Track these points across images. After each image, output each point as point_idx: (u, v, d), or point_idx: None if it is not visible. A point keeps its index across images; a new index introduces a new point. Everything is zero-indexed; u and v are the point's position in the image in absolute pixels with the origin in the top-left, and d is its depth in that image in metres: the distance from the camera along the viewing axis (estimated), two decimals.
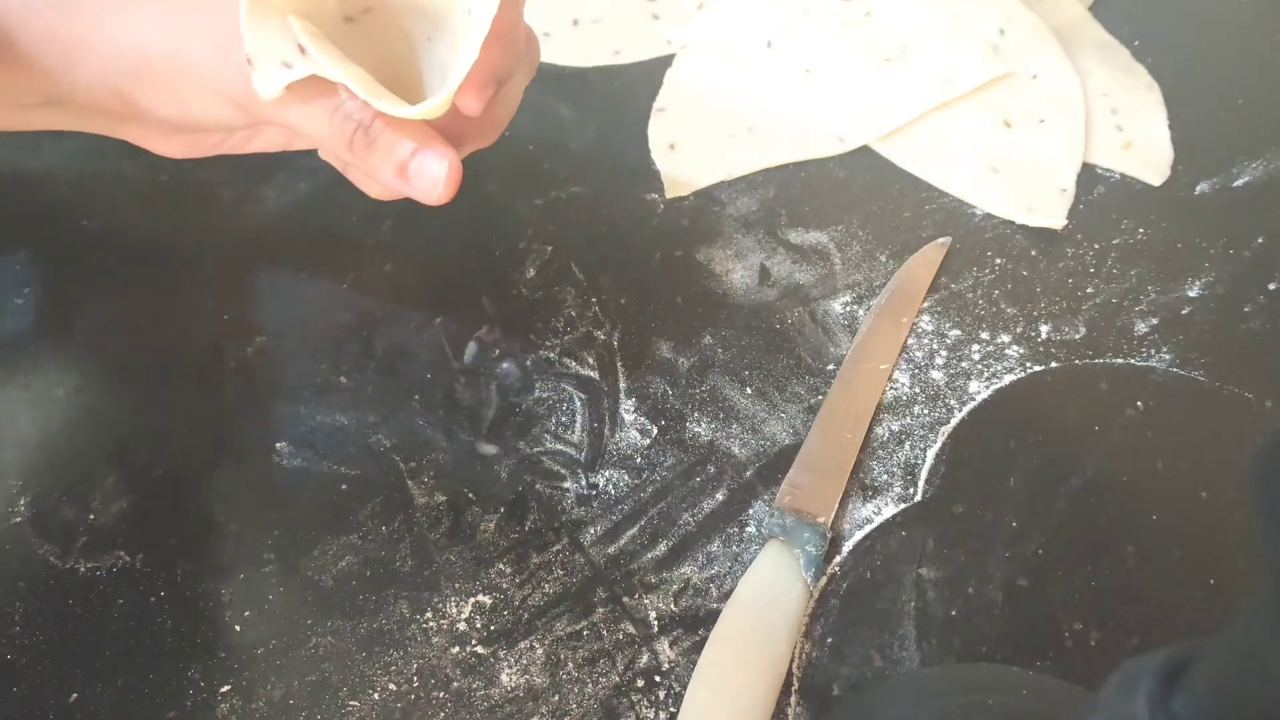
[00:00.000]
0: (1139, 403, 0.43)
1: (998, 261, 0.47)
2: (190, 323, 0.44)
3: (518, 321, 0.45)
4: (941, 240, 0.48)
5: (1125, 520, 0.41)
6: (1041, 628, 0.38)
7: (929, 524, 0.40)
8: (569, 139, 0.51)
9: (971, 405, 0.43)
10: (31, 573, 0.39)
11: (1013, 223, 0.48)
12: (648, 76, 0.53)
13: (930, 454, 0.42)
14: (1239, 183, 0.49)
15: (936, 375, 0.44)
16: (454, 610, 0.38)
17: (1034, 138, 0.51)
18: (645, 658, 0.38)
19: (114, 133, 0.40)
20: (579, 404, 0.43)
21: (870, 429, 0.42)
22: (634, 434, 0.42)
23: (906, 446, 0.42)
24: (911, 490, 0.41)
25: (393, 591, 0.39)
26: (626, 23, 0.55)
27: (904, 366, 0.44)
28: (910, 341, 0.45)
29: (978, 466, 0.42)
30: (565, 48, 0.54)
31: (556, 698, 0.37)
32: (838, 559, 0.40)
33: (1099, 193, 0.49)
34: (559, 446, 0.42)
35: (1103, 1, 0.55)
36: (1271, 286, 0.46)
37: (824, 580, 0.39)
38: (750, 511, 0.41)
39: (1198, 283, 0.46)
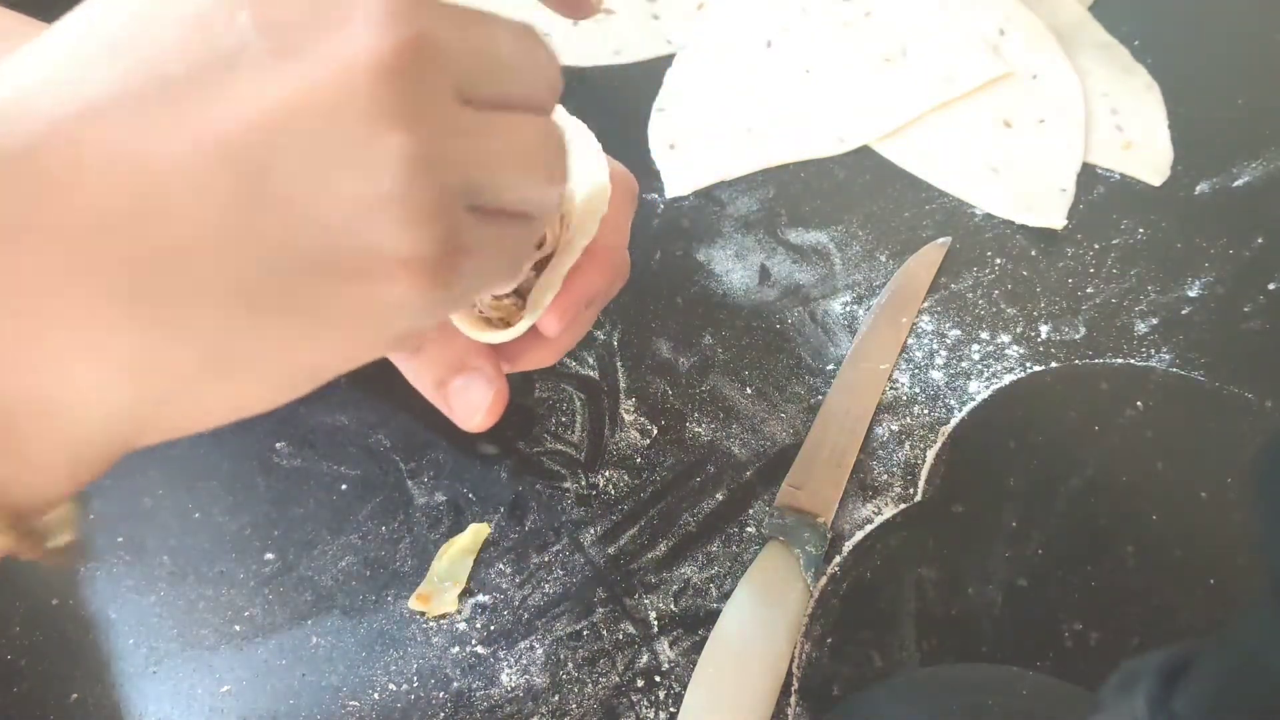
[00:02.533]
0: (1139, 403, 0.43)
1: (998, 261, 0.47)
2: None
3: None
4: (941, 240, 0.48)
5: (1125, 520, 0.40)
6: (1041, 628, 0.38)
7: (929, 524, 0.40)
8: None
9: (971, 405, 0.43)
10: (31, 573, 0.39)
11: (1013, 223, 0.48)
12: (648, 76, 0.53)
13: (930, 454, 0.42)
14: (1239, 183, 0.49)
15: (936, 375, 0.44)
16: (454, 610, 0.38)
17: (1034, 138, 0.51)
18: (645, 658, 0.38)
19: None
20: (579, 404, 0.43)
21: (870, 429, 0.42)
22: (634, 434, 0.42)
23: (906, 446, 0.42)
24: (911, 490, 0.41)
25: (393, 591, 0.39)
26: (626, 23, 0.55)
27: (904, 366, 0.44)
28: (910, 341, 0.45)
29: (978, 466, 0.42)
30: (565, 48, 0.54)
31: (556, 698, 0.37)
32: (838, 559, 0.40)
33: (1099, 193, 0.49)
34: (559, 446, 0.42)
35: (1103, 1, 0.55)
36: (1271, 286, 0.46)
37: (824, 580, 0.39)
38: (750, 511, 0.41)
39: (1198, 283, 0.46)
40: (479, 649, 0.38)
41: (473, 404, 0.29)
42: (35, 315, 0.18)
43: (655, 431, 0.43)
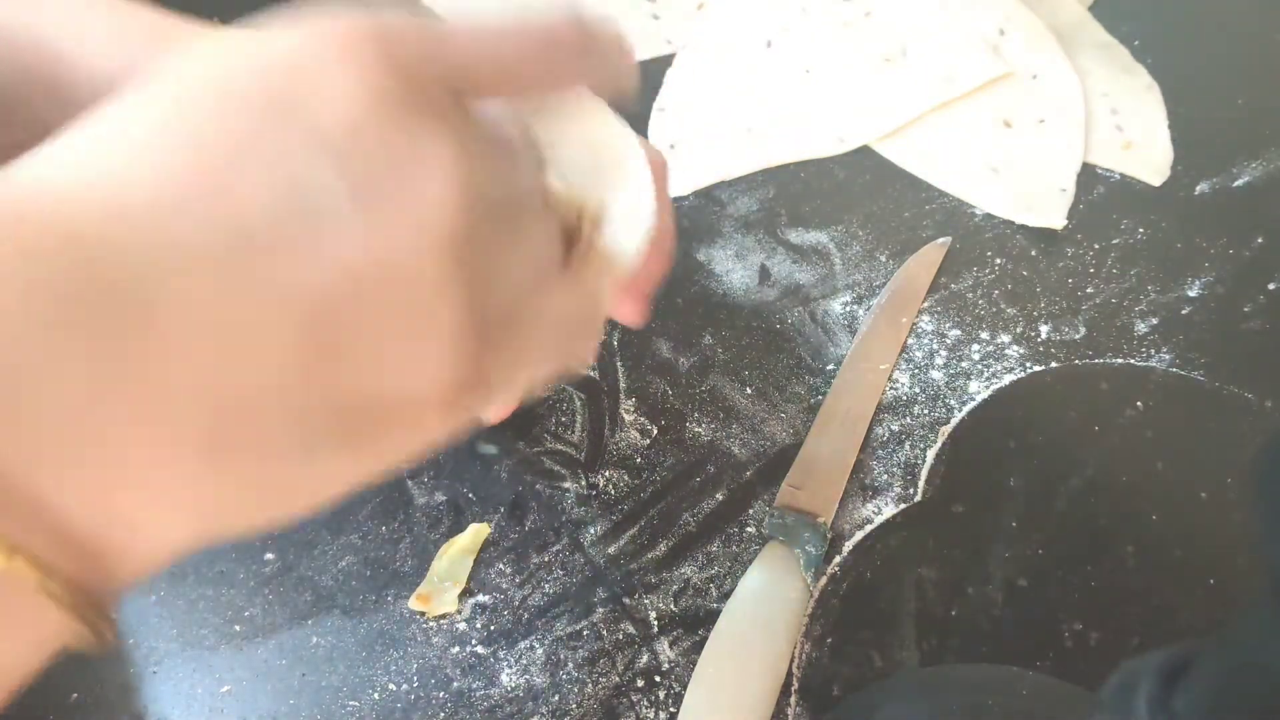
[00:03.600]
0: (1139, 403, 0.43)
1: (998, 261, 0.47)
2: None
3: None
4: (941, 240, 0.48)
5: (1125, 520, 0.40)
6: (1041, 628, 0.38)
7: (929, 524, 0.40)
8: None
9: (971, 405, 0.43)
10: None
11: (1013, 223, 0.48)
12: (648, 76, 0.53)
13: (930, 454, 0.42)
14: (1239, 183, 0.49)
15: (936, 375, 0.44)
16: (454, 610, 0.38)
17: (1034, 138, 0.51)
18: (645, 658, 0.38)
19: None
20: (579, 404, 0.43)
21: (870, 429, 0.42)
22: (634, 434, 0.42)
23: (906, 446, 0.42)
24: (911, 490, 0.41)
25: (393, 591, 0.39)
26: (626, 23, 0.55)
27: (904, 366, 0.44)
28: (910, 341, 0.45)
29: (978, 466, 0.42)
30: None
31: (556, 698, 0.37)
32: (838, 559, 0.40)
33: (1099, 193, 0.49)
34: (559, 446, 0.42)
35: (1103, 1, 0.55)
36: (1271, 286, 0.46)
37: (824, 580, 0.39)
38: (750, 511, 0.41)
39: (1198, 283, 0.46)
40: (479, 649, 0.38)
41: None
42: (118, 465, 0.18)
43: (655, 431, 0.43)
